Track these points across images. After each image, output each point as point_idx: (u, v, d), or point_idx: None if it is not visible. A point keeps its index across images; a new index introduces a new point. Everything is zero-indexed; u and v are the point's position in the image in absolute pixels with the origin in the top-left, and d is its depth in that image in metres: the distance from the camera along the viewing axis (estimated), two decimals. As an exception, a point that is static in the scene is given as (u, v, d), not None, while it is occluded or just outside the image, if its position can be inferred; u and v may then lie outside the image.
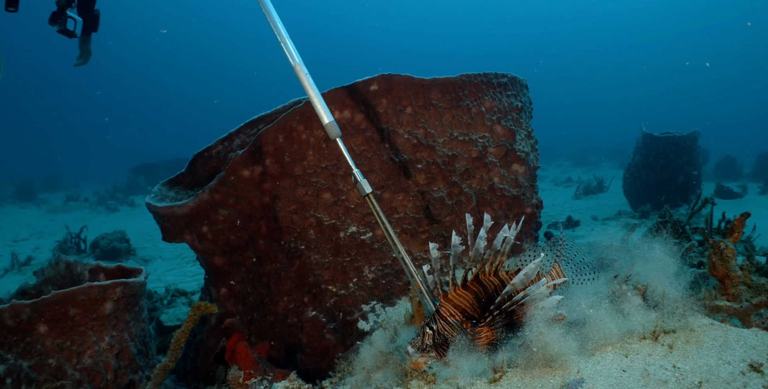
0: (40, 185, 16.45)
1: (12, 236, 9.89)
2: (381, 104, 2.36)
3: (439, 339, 1.55)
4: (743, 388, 1.32)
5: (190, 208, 2.47)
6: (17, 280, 6.47)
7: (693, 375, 1.36)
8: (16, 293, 2.63)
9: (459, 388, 1.36)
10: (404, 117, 2.40)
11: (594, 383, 1.31)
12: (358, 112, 2.33)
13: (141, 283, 2.22)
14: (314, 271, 2.34)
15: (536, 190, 2.81)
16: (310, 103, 2.31)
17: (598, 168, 17.25)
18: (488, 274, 1.74)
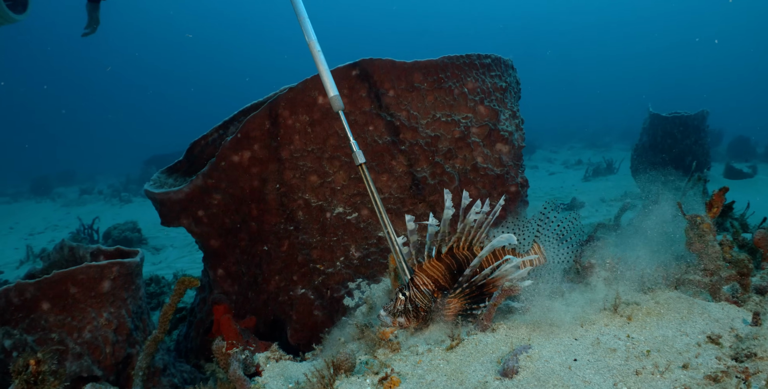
0: (56, 179, 16.73)
1: (28, 229, 10.14)
2: (363, 88, 2.44)
3: (410, 305, 1.64)
4: (695, 358, 1.35)
5: (185, 193, 2.58)
6: (33, 271, 6.66)
7: (645, 345, 1.41)
8: (24, 277, 2.76)
9: (418, 354, 1.45)
10: (387, 100, 2.47)
11: (541, 349, 1.39)
12: (342, 96, 2.40)
13: (136, 263, 2.34)
14: (302, 251, 2.44)
15: (522, 169, 2.87)
16: (294, 89, 2.40)
17: (609, 150, 17.17)
18: (462, 248, 1.82)
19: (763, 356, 1.31)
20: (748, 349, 1.36)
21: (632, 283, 1.82)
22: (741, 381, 1.22)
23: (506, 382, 1.25)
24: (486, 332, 1.53)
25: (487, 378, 1.28)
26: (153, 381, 2.26)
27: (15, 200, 14.61)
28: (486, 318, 1.55)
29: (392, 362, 1.43)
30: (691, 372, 1.27)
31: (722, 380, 1.22)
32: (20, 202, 14.22)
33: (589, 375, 1.26)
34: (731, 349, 1.40)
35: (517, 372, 1.28)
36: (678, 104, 21.40)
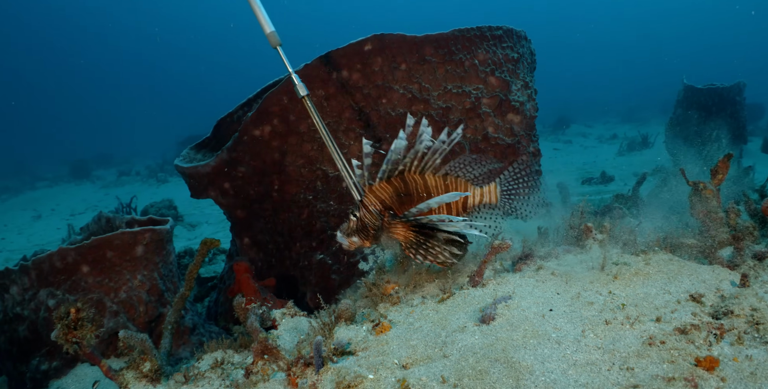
0: (94, 163, 17.27)
1: (69, 210, 10.58)
2: (376, 63, 2.54)
3: (361, 225, 1.76)
4: (670, 313, 1.41)
5: (211, 167, 2.74)
6: (75, 248, 7.01)
7: (624, 300, 1.48)
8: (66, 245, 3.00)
9: (413, 306, 1.58)
10: (399, 73, 2.57)
11: (521, 300, 1.49)
12: (355, 71, 2.52)
13: (167, 230, 2.52)
14: (321, 218, 2.58)
15: (534, 138, 2.94)
16: (309, 66, 2.52)
17: (647, 124, 16.84)
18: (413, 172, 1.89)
19: (739, 313, 1.35)
20: (726, 307, 1.40)
21: (627, 246, 1.89)
22: (712, 335, 1.27)
23: (483, 327, 1.37)
24: (477, 287, 1.64)
25: (467, 324, 1.40)
26: (183, 339, 2.46)
27: (55, 184, 15.17)
28: (478, 273, 1.66)
29: (389, 313, 1.56)
30: (662, 324, 1.34)
31: (690, 332, 1.27)
32: (60, 185, 14.77)
33: (560, 323, 1.36)
34: (711, 308, 1.45)
35: (494, 319, 1.39)
36: (718, 77, 20.77)
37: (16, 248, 8.34)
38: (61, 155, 21.20)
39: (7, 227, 10.42)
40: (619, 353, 1.22)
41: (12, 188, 15.87)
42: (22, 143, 29.74)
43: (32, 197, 13.78)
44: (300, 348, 1.43)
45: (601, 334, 1.31)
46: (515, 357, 1.22)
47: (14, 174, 19.12)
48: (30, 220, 10.84)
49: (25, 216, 11.32)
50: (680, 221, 2.65)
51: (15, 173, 19.46)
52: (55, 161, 20.18)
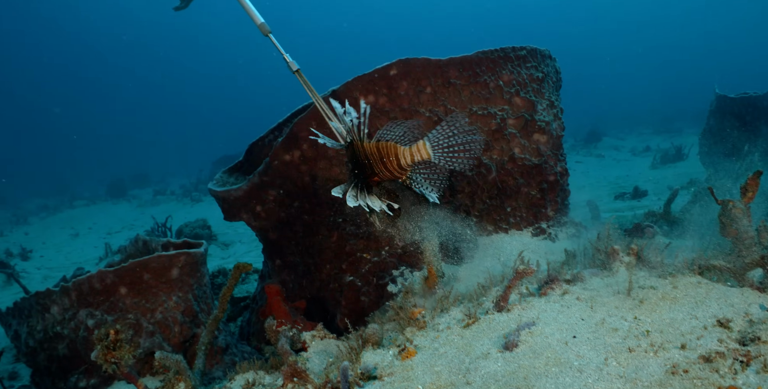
0: (130, 182, 17.70)
1: (106, 229, 10.85)
2: (402, 87, 2.59)
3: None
4: (696, 340, 1.39)
5: (244, 191, 2.81)
6: (112, 266, 7.20)
7: (649, 326, 1.47)
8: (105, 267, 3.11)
9: (438, 331, 1.61)
10: (424, 97, 2.62)
11: (545, 326, 1.50)
12: (381, 95, 2.57)
13: (201, 253, 2.59)
14: (350, 241, 2.63)
15: (561, 158, 2.95)
16: (336, 92, 2.58)
17: (680, 135, 16.57)
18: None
19: (767, 340, 1.33)
20: (753, 333, 1.38)
21: (655, 268, 1.88)
22: (738, 362, 1.25)
23: (506, 354, 1.39)
24: (502, 312, 1.66)
25: (490, 350, 1.42)
26: (216, 359, 2.52)
27: (93, 203, 15.57)
28: (503, 298, 1.68)
29: (415, 337, 1.59)
30: (687, 352, 1.33)
31: (715, 360, 1.26)
32: (98, 204, 15.15)
33: (583, 351, 1.37)
34: (738, 333, 1.43)
35: (517, 346, 1.41)
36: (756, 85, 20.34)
37: (55, 265, 8.57)
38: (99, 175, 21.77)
39: (45, 244, 10.71)
40: (641, 382, 1.22)
41: (51, 206, 16.33)
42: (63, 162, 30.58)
43: (71, 215, 14.16)
44: (328, 372, 1.47)
45: (624, 362, 1.31)
46: (536, 385, 1.24)
47: (54, 193, 19.69)
48: (68, 238, 11.13)
49: (63, 234, 11.63)
50: (711, 241, 2.62)
51: (55, 191, 20.03)
52: (93, 180, 20.74)
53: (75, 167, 28.28)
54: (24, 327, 2.83)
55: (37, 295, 2.68)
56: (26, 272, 7.94)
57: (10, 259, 9.14)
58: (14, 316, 2.90)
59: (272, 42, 2.24)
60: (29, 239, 11.69)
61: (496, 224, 2.69)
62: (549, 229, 2.75)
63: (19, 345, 2.87)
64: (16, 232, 13.01)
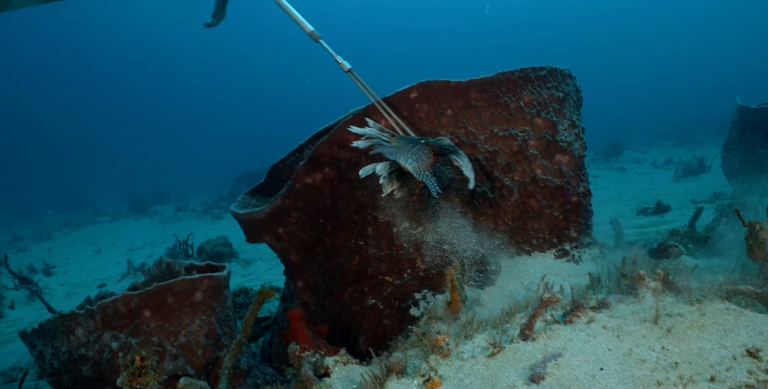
0: (152, 199, 17.95)
1: (128, 245, 10.96)
2: (422, 109, 2.60)
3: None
4: (726, 371, 1.36)
5: (266, 213, 2.83)
6: (134, 283, 7.30)
7: (677, 357, 1.45)
8: (128, 288, 3.16)
9: (463, 360, 1.59)
10: (445, 119, 2.62)
11: (571, 358, 1.48)
12: (402, 118, 2.58)
13: (224, 277, 2.61)
14: (372, 264, 2.62)
15: (584, 178, 2.93)
16: (358, 115, 2.59)
17: (702, 146, 16.41)
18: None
19: None
20: None
21: (681, 293, 1.85)
22: None
23: (532, 387, 1.37)
24: (527, 341, 1.65)
25: (516, 382, 1.40)
26: (238, 381, 2.52)
27: (115, 219, 15.78)
28: (528, 327, 1.67)
29: (440, 366, 1.57)
30: (716, 384, 1.30)
31: None
32: (120, 220, 15.36)
33: (611, 384, 1.34)
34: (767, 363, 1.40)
35: (543, 378, 1.39)
36: (778, 96, 20.08)
37: (78, 281, 8.68)
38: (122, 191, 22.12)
39: (68, 260, 10.85)
40: (672, 418, 1.20)
41: (74, 222, 16.57)
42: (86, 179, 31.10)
43: (93, 231, 14.35)
44: (353, 403, 1.47)
45: (653, 396, 1.29)
46: (566, 420, 1.22)
47: (77, 209, 20.01)
48: (91, 254, 11.28)
49: (86, 250, 11.79)
50: (737, 262, 2.58)
51: (78, 207, 20.36)
52: (116, 196, 21.06)
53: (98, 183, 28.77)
54: (49, 348, 2.86)
55: (63, 317, 2.71)
56: (49, 288, 8.05)
57: (34, 275, 9.29)
58: (39, 337, 2.94)
59: (324, 47, 2.40)
60: (52, 254, 11.87)
61: (518, 246, 2.68)
62: (572, 251, 2.72)
63: (44, 365, 2.90)
64: (40, 247, 13.22)
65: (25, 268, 9.45)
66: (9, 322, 6.46)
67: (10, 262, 8.41)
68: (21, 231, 15.89)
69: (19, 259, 10.98)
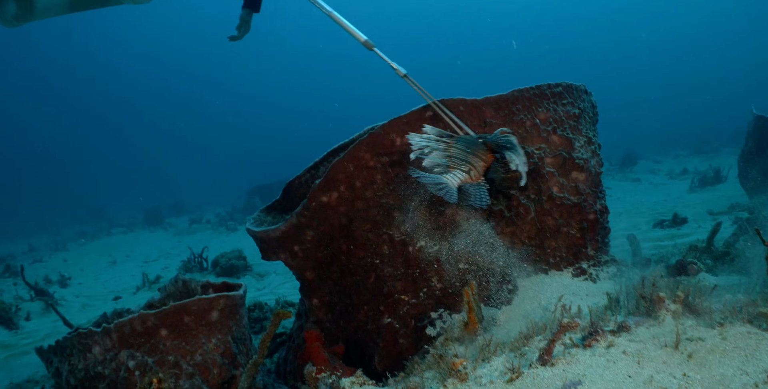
0: (167, 210, 18.07)
1: (143, 257, 11.02)
2: (438, 127, 2.59)
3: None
4: None
5: (281, 231, 2.83)
6: (147, 296, 7.35)
7: (699, 385, 1.43)
8: (144, 305, 3.18)
9: (481, 385, 1.58)
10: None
11: (591, 385, 1.46)
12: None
13: (240, 296, 2.61)
14: (388, 282, 2.62)
15: (601, 195, 2.91)
16: (374, 134, 2.60)
17: (718, 155, 16.28)
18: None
19: None
20: None
21: (702, 315, 1.83)
22: None
23: (555, 416, 1.35)
24: (546, 366, 1.63)
25: (537, 410, 1.38)
26: (255, 402, 2.52)
27: (130, 230, 15.89)
28: (546, 352, 1.65)
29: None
30: None
31: None
32: (135, 232, 15.47)
33: (633, 413, 1.33)
34: None
35: (565, 407, 1.37)
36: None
37: (93, 293, 8.73)
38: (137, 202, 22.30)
39: (83, 271, 10.92)
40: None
41: (89, 232, 16.70)
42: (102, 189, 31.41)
43: (108, 242, 14.46)
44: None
45: (676, 425, 1.27)
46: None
47: (93, 219, 20.18)
48: (106, 265, 11.35)
49: (101, 262, 11.87)
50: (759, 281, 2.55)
51: (94, 218, 20.54)
52: (131, 207, 21.23)
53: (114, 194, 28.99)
54: (65, 365, 2.87)
55: (80, 335, 2.73)
56: (65, 299, 8.11)
57: (49, 286, 9.37)
58: (56, 354, 2.95)
59: (378, 55, 2.47)
60: (68, 265, 11.96)
61: (535, 264, 2.66)
62: (590, 269, 2.70)
63: (60, 382, 2.91)
64: (55, 258, 13.34)
65: (41, 279, 9.54)
66: (25, 334, 6.50)
67: (26, 272, 8.48)
68: (37, 241, 16.06)
69: (35, 270, 11.08)
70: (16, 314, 6.97)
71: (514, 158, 2.10)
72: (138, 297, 7.42)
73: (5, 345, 6.15)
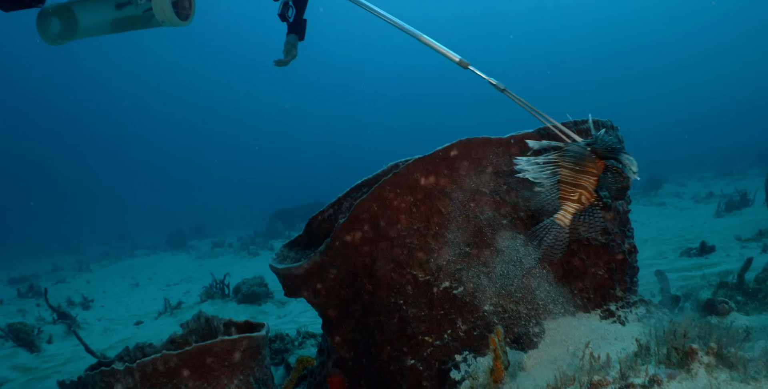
0: (190, 233, 18.20)
1: (165, 280, 11.09)
2: (463, 167, 2.58)
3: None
4: None
5: (304, 269, 2.82)
6: (169, 322, 7.36)
7: None
8: (166, 341, 3.18)
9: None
10: (486, 177, 2.60)
11: None
12: (442, 177, 2.57)
13: (263, 337, 2.60)
14: (411, 324, 2.58)
15: (629, 234, 2.86)
16: (398, 173, 2.59)
17: (743, 178, 16.02)
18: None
19: None
20: None
21: (735, 367, 1.77)
22: None
23: None
24: None
25: None
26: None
27: (153, 253, 16.01)
28: None
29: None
30: None
31: None
32: (158, 254, 15.59)
33: None
34: None
35: None
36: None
37: (115, 316, 8.78)
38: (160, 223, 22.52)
39: (106, 293, 11.01)
40: None
41: (113, 254, 16.88)
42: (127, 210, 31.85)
43: (131, 264, 14.58)
44: None
45: None
46: None
47: (116, 240, 20.40)
48: (128, 288, 11.43)
49: (123, 283, 11.96)
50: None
51: (117, 238, 20.76)
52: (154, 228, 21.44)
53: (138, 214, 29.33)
54: (88, 402, 2.87)
55: (102, 373, 2.73)
56: (87, 323, 8.15)
57: (72, 308, 9.45)
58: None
59: (474, 72, 2.48)
60: (90, 287, 12.06)
61: (562, 306, 2.61)
62: (618, 311, 2.64)
63: (82, 417, 2.91)
64: (79, 279, 13.48)
65: (64, 301, 9.62)
66: (46, 357, 6.55)
67: (50, 293, 8.57)
68: (61, 261, 16.27)
69: (58, 291, 11.20)
70: (38, 336, 7.02)
71: (629, 162, 1.93)
72: (159, 322, 7.44)
73: (26, 367, 6.19)
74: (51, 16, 3.45)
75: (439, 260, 2.58)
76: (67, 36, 3.52)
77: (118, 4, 3.44)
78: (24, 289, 11.27)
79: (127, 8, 3.41)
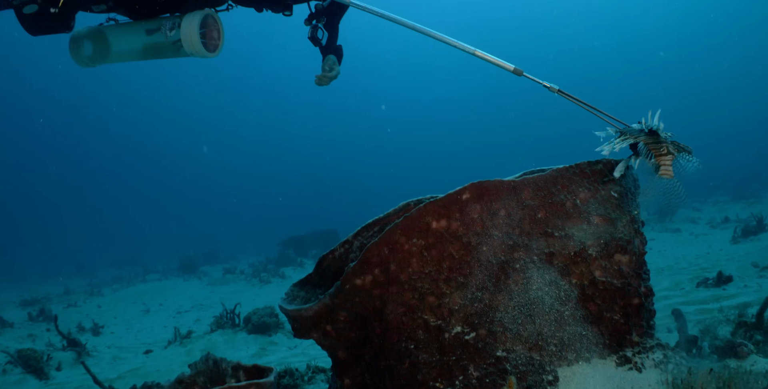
0: (202, 258, 18.21)
1: (176, 307, 11.05)
2: (475, 210, 2.55)
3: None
4: None
5: (314, 310, 2.78)
6: (178, 351, 7.30)
7: None
8: (174, 382, 3.15)
9: None
10: (498, 220, 2.56)
11: None
12: (454, 220, 2.53)
13: (271, 383, 2.56)
14: (422, 369, 2.53)
15: (645, 277, 2.80)
16: (409, 217, 2.55)
17: (760, 201, 15.82)
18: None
19: None
20: None
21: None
22: None
23: None
24: None
25: None
26: None
27: (165, 278, 16.01)
28: None
29: None
30: None
31: None
32: (170, 279, 15.59)
33: None
34: None
35: None
36: (838, 149, 19.35)
37: (125, 344, 8.75)
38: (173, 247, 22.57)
39: (116, 319, 10.99)
40: None
41: (124, 278, 16.90)
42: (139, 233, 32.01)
43: (142, 289, 14.57)
44: None
45: None
46: None
47: (129, 263, 20.45)
48: (139, 314, 11.41)
49: (134, 309, 11.94)
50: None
51: (130, 262, 20.81)
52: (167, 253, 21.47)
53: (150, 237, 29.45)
54: (94, 442, 2.83)
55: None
56: (97, 350, 8.12)
57: (82, 334, 9.44)
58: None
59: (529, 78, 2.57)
60: (101, 312, 12.06)
61: (577, 352, 2.54)
62: (634, 357, 2.57)
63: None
64: (90, 303, 13.49)
65: (74, 326, 9.61)
66: (54, 385, 6.51)
67: (60, 317, 8.55)
68: (73, 284, 16.30)
69: (69, 315, 11.20)
70: (47, 363, 6.99)
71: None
72: (168, 351, 7.39)
73: (34, 396, 6.16)
74: (84, 38, 3.51)
75: (451, 304, 2.53)
76: (99, 59, 3.56)
77: (148, 29, 3.47)
78: (35, 313, 11.27)
79: (157, 35, 3.43)
